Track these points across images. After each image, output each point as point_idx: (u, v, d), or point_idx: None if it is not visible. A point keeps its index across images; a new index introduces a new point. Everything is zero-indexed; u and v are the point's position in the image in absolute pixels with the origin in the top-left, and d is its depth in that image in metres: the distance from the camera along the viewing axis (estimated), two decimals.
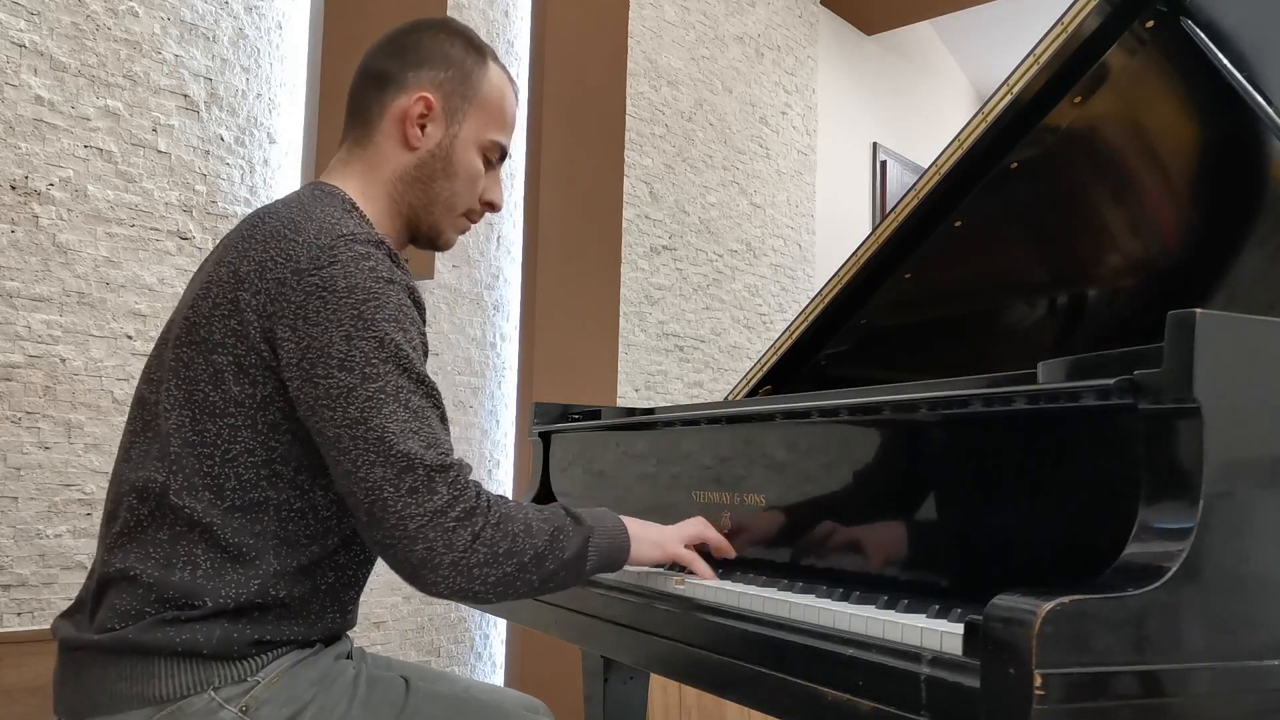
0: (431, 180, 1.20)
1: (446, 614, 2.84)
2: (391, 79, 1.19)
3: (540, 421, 1.82)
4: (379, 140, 1.20)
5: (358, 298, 1.01)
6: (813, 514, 1.24)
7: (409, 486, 0.98)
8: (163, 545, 1.04)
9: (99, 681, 1.02)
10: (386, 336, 1.01)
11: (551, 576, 1.09)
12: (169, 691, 1.01)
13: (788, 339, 1.77)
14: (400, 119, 1.18)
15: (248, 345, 1.04)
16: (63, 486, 2.06)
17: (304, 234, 1.05)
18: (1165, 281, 1.54)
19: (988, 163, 1.46)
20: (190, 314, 1.09)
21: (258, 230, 1.08)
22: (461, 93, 1.20)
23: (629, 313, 3.42)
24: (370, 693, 1.11)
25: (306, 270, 1.02)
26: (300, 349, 1.01)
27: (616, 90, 3.32)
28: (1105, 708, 0.76)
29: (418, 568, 1.00)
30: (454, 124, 1.20)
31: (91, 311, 2.11)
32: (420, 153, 1.19)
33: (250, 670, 1.04)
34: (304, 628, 1.09)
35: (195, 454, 1.05)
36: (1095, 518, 0.91)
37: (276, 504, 1.06)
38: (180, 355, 1.08)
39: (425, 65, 1.19)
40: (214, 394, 1.05)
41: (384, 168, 1.19)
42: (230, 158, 2.37)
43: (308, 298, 1.01)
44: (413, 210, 1.21)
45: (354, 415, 0.99)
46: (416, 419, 1.01)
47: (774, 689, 1.00)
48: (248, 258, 1.06)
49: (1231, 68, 1.26)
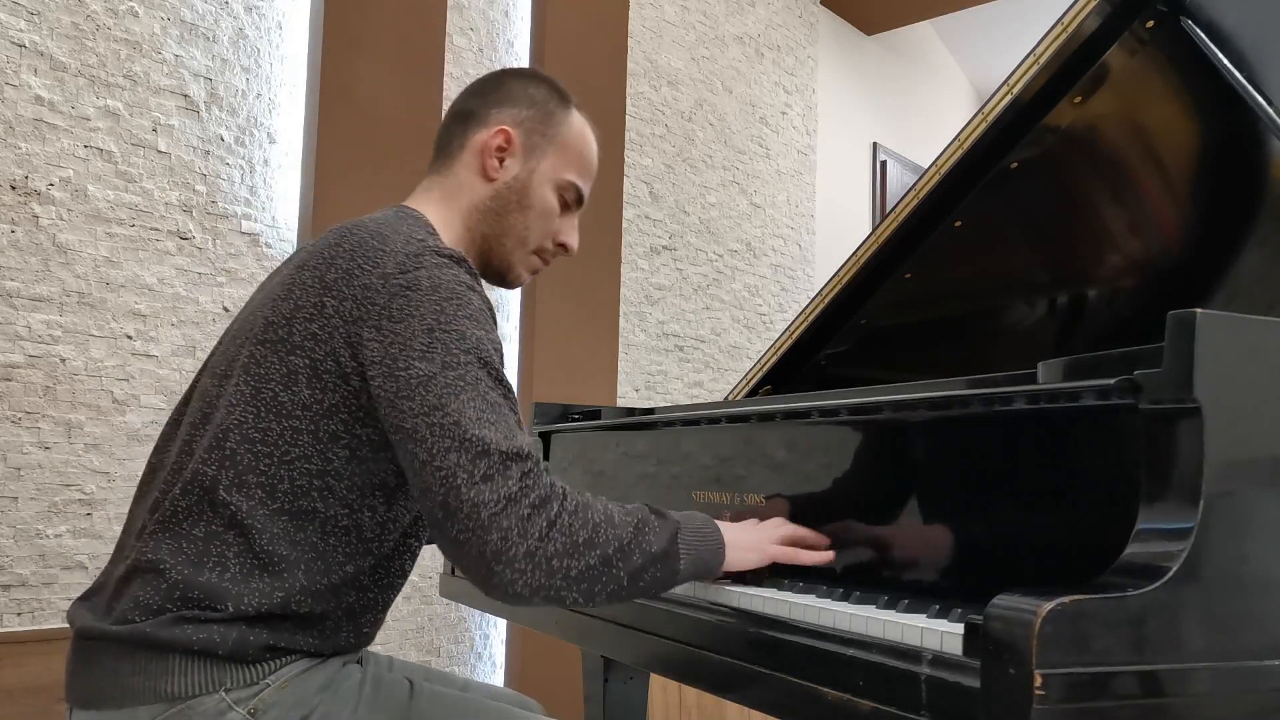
0: (506, 212, 1.24)
1: (446, 614, 2.84)
2: (474, 115, 1.25)
3: (540, 421, 1.82)
4: (458, 170, 1.24)
5: (441, 295, 1.04)
6: (813, 514, 1.24)
7: (483, 473, 0.97)
8: (197, 542, 1.05)
9: (111, 674, 1.03)
10: (468, 331, 1.03)
11: (640, 573, 1.04)
12: (181, 689, 1.01)
13: (788, 339, 1.77)
14: (479, 151, 1.23)
15: (327, 350, 1.06)
16: (63, 486, 2.06)
17: (391, 244, 1.08)
18: (1165, 281, 1.54)
19: (988, 163, 1.46)
20: (270, 314, 1.10)
21: (345, 240, 1.11)
22: (542, 131, 1.25)
23: (629, 313, 3.42)
24: (375, 695, 1.12)
25: (393, 275, 1.05)
26: (384, 345, 1.03)
27: (616, 90, 3.32)
28: (1105, 708, 0.76)
29: (491, 562, 0.95)
30: (531, 160, 1.25)
31: (91, 311, 2.11)
32: (497, 184, 1.23)
33: (261, 674, 1.04)
34: (318, 641, 1.09)
35: (253, 451, 1.06)
36: (1095, 518, 0.91)
37: (323, 517, 1.07)
38: (255, 353, 1.09)
39: (508, 104, 1.25)
40: (284, 395, 1.06)
41: (461, 197, 1.24)
42: (230, 158, 2.37)
43: (392, 298, 1.04)
44: (486, 241, 1.25)
45: (431, 402, 0.99)
46: (493, 410, 1.01)
47: (774, 689, 1.00)
48: (334, 265, 1.08)
49: (1231, 68, 1.26)
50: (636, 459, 1.58)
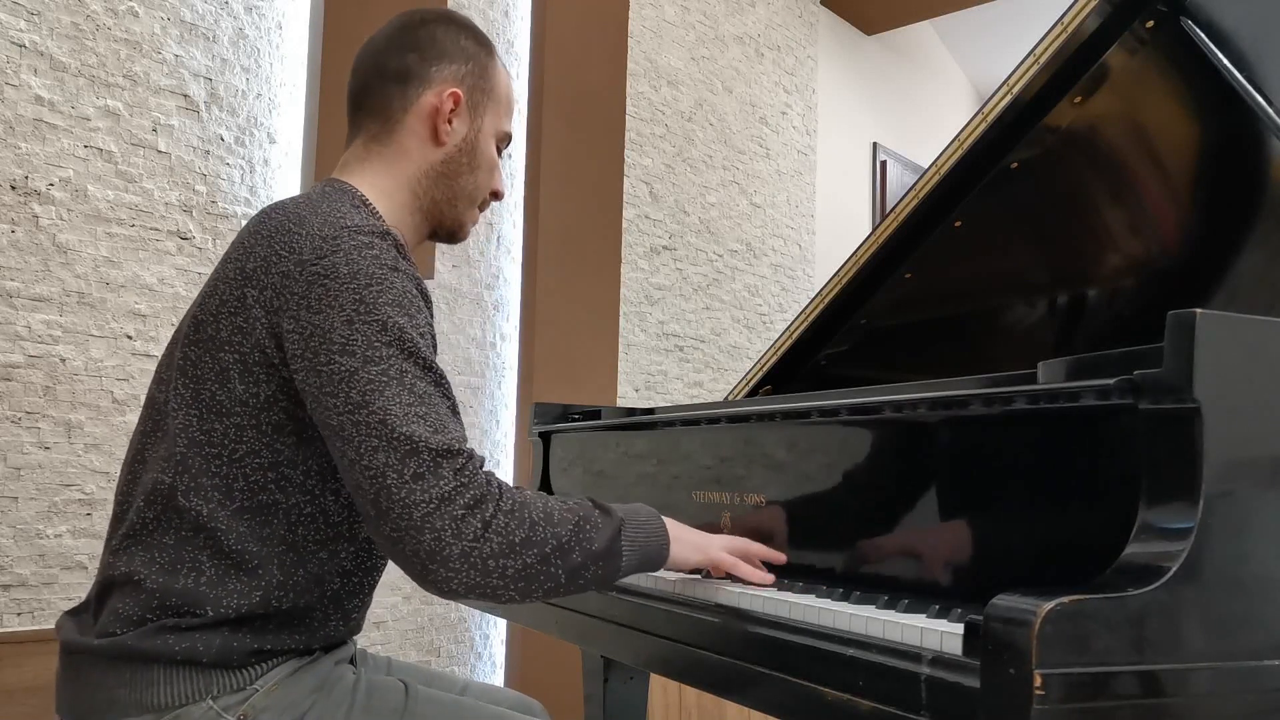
0: (458, 175, 1.21)
1: (446, 614, 2.84)
2: (413, 74, 1.18)
3: (540, 421, 1.82)
4: (402, 137, 1.18)
5: (360, 283, 1.00)
6: (812, 514, 1.24)
7: (413, 472, 0.94)
8: (168, 550, 1.03)
9: (98, 687, 1.02)
10: (390, 320, 0.99)
11: (580, 571, 1.02)
12: (167, 699, 1.00)
13: (788, 339, 1.77)
14: (429, 115, 1.18)
15: (253, 342, 1.03)
16: (63, 486, 2.06)
17: (308, 226, 1.04)
18: (1165, 281, 1.54)
19: (988, 163, 1.46)
20: (198, 312, 1.08)
21: (263, 227, 1.07)
22: (481, 87, 1.21)
23: (629, 313, 3.42)
24: (369, 699, 1.10)
25: (309, 261, 1.01)
26: (304, 338, 0.99)
27: (616, 90, 3.31)
28: (1105, 708, 0.76)
29: (426, 561, 0.94)
30: (476, 118, 1.21)
31: (91, 311, 2.11)
32: (447, 148, 1.19)
33: (249, 679, 1.03)
34: (306, 636, 1.08)
35: (203, 454, 1.04)
36: (1095, 518, 0.91)
37: (286, 508, 1.05)
38: (188, 354, 1.07)
39: (445, 60, 1.19)
40: (220, 393, 1.04)
41: (407, 164, 1.18)
42: (230, 158, 2.37)
43: (310, 286, 1.00)
44: (435, 205, 1.21)
45: (355, 399, 0.96)
46: (422, 403, 0.98)
47: (774, 689, 1.00)
48: (253, 254, 1.05)
49: (1231, 68, 1.26)
50: (636, 459, 1.58)
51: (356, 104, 1.21)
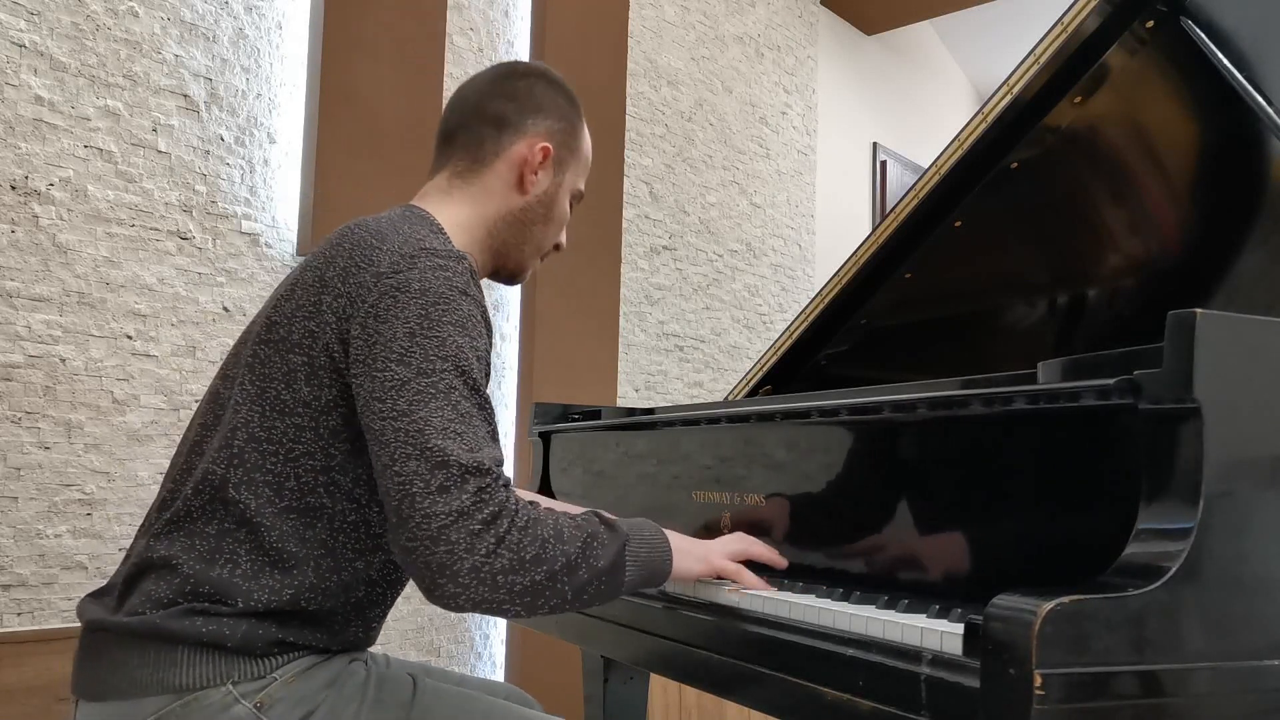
0: (533, 223, 1.26)
1: (446, 614, 2.84)
2: (509, 123, 1.24)
3: (540, 421, 1.82)
4: (488, 178, 1.23)
5: (429, 299, 1.03)
6: (812, 514, 1.24)
7: (439, 484, 0.96)
8: (209, 539, 1.06)
9: (119, 665, 1.03)
10: (449, 338, 1.02)
11: (585, 587, 1.04)
12: (188, 681, 1.02)
13: (788, 339, 1.77)
14: (518, 164, 1.23)
15: (321, 346, 1.06)
16: (63, 486, 2.06)
17: (389, 243, 1.08)
18: (1165, 281, 1.54)
19: (988, 163, 1.46)
20: (273, 313, 1.12)
21: (346, 239, 1.11)
22: (569, 145, 1.27)
23: (629, 313, 3.42)
24: (380, 692, 1.12)
25: (386, 274, 1.05)
26: (367, 344, 1.03)
27: (616, 90, 3.31)
28: (1105, 708, 0.76)
29: (435, 575, 0.96)
30: (559, 173, 1.27)
31: (91, 311, 2.11)
32: (529, 197, 1.25)
33: (269, 668, 1.05)
34: (326, 637, 1.10)
35: (260, 449, 1.07)
36: (1095, 518, 0.91)
37: (331, 513, 1.08)
38: (258, 352, 1.10)
39: (542, 115, 1.25)
40: (285, 393, 1.07)
41: (489, 205, 1.24)
42: (230, 158, 2.37)
43: (381, 297, 1.04)
44: (506, 247, 1.26)
45: (401, 407, 0.99)
46: (462, 421, 1.00)
47: (774, 689, 1.00)
48: (334, 264, 1.09)
49: (1231, 68, 1.26)
50: (636, 459, 1.58)
51: (449, 139, 1.26)
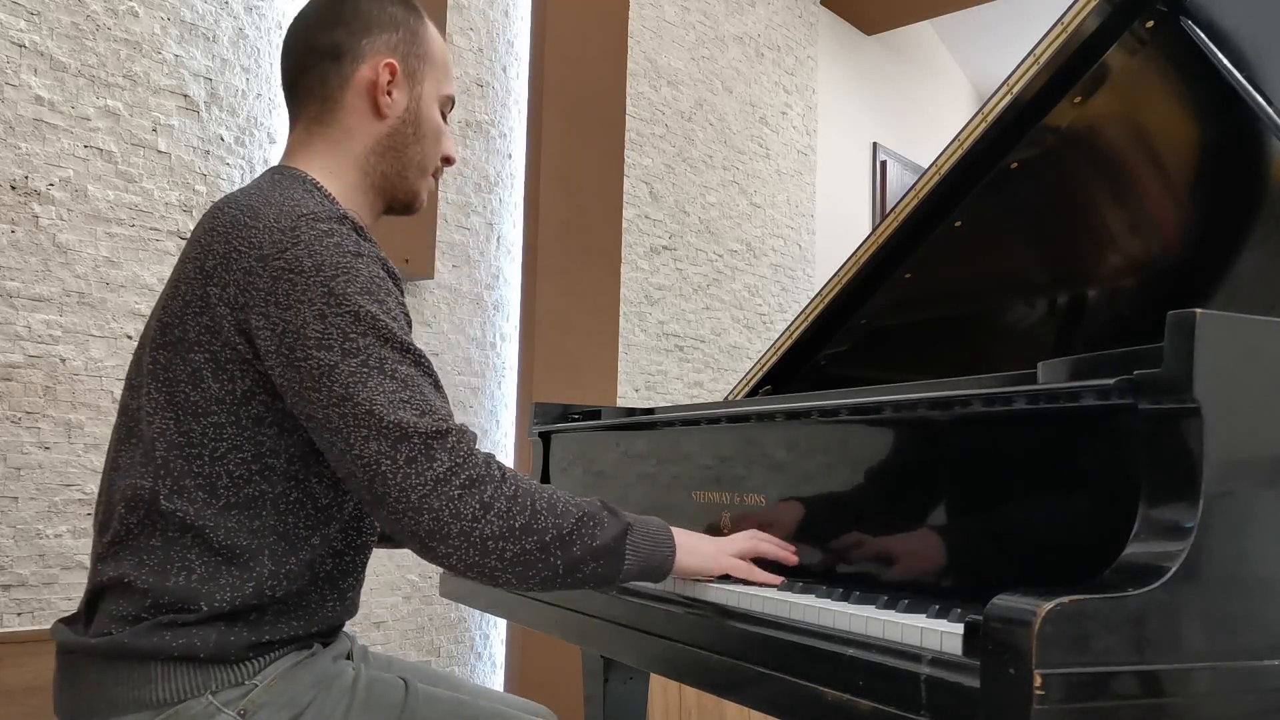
0: (405, 146, 1.19)
1: (446, 614, 2.84)
2: (345, 50, 1.15)
3: (540, 421, 1.82)
4: (343, 115, 1.16)
5: (326, 274, 0.99)
6: (813, 514, 1.24)
7: (406, 456, 0.96)
8: (156, 552, 1.03)
9: (96, 686, 1.02)
10: (361, 309, 0.99)
11: (579, 565, 1.03)
12: (166, 695, 1.00)
13: (788, 339, 1.77)
14: (368, 90, 1.15)
15: (222, 340, 1.02)
16: (63, 486, 2.06)
17: (264, 219, 1.03)
18: (1165, 281, 1.54)
19: (988, 163, 1.46)
20: (162, 315, 1.07)
21: (217, 223, 1.06)
22: (416, 53, 1.19)
23: (629, 313, 3.42)
24: (369, 696, 1.10)
25: (270, 255, 1.00)
26: (276, 335, 0.99)
27: (616, 90, 3.31)
28: (1105, 708, 0.76)
29: (426, 540, 0.96)
30: (415, 85, 1.19)
31: (91, 311, 2.11)
32: (390, 120, 1.17)
33: (248, 673, 1.03)
34: (303, 623, 1.07)
35: (183, 455, 1.03)
36: (1095, 518, 0.91)
37: (273, 498, 1.05)
38: (157, 358, 1.06)
39: (375, 30, 1.16)
40: (194, 394, 1.03)
41: (352, 142, 1.16)
42: (230, 158, 2.37)
43: (275, 282, 0.99)
44: (386, 180, 1.19)
45: (339, 393, 0.97)
46: (405, 388, 0.98)
47: (774, 689, 1.00)
48: (212, 252, 1.04)
49: (1231, 68, 1.26)
50: (636, 459, 1.58)
51: (293, 87, 1.19)
